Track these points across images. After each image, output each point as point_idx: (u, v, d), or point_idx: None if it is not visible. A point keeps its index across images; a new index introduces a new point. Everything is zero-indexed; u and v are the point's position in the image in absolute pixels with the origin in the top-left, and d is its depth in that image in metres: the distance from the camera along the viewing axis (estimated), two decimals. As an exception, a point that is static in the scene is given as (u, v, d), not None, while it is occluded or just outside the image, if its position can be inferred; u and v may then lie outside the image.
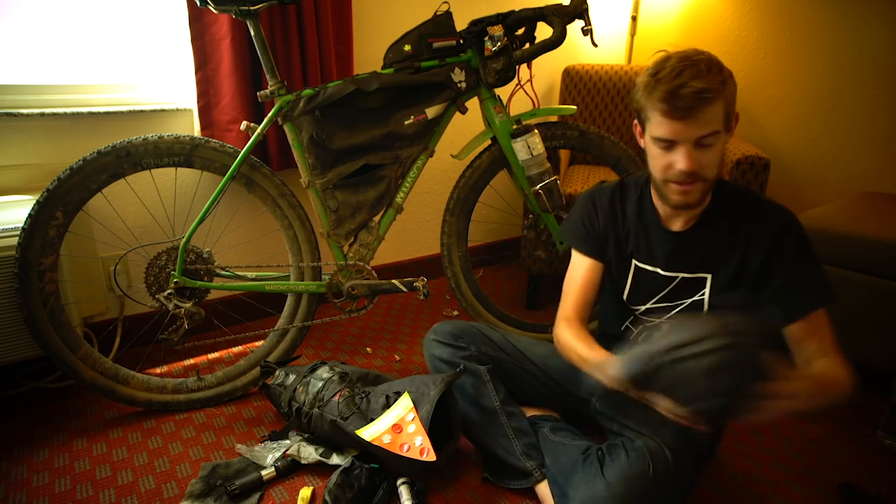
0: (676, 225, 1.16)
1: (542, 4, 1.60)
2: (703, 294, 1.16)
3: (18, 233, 1.38)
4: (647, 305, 1.22)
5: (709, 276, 1.15)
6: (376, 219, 1.66)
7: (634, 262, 1.22)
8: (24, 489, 1.29)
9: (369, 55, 2.08)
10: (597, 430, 1.37)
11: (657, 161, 1.07)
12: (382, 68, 1.57)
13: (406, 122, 1.58)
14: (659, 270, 1.19)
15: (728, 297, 1.13)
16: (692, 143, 1.01)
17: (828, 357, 1.05)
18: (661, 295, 1.20)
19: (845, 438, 1.52)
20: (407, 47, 1.56)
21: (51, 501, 1.26)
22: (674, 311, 1.20)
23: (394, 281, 1.65)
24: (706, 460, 1.35)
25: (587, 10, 1.58)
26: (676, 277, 1.18)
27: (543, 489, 1.24)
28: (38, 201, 1.37)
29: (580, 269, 1.29)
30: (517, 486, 1.29)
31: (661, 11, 2.71)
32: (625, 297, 1.26)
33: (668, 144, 1.03)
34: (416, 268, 2.48)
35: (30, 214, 1.37)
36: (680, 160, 1.02)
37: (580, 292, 1.27)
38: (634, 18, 2.60)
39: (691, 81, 0.96)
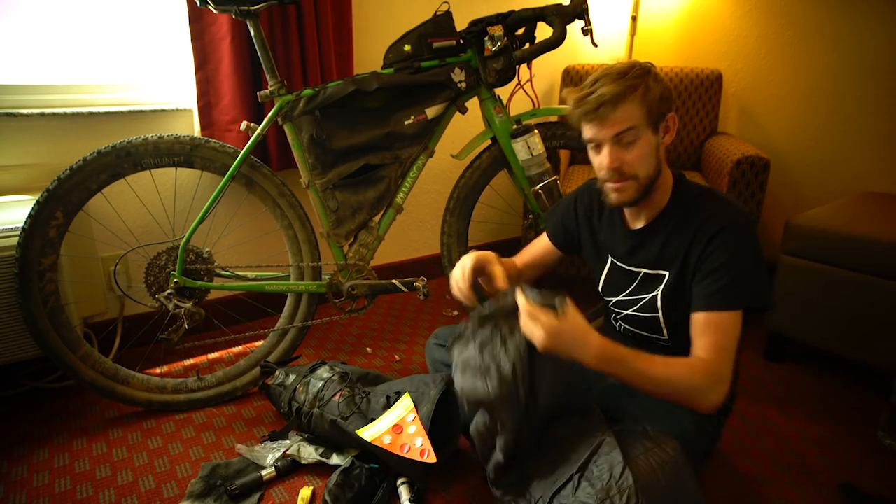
0: (637, 223, 1.22)
1: (542, 4, 1.60)
2: (658, 290, 1.20)
3: (18, 233, 1.38)
4: (618, 298, 1.28)
5: (667, 273, 1.19)
6: (376, 219, 1.66)
7: (610, 257, 1.29)
8: (24, 489, 1.29)
9: (369, 55, 2.08)
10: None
11: (594, 164, 1.16)
12: (382, 68, 1.57)
13: (406, 122, 1.58)
14: (624, 266, 1.25)
15: (676, 296, 1.18)
16: (612, 141, 1.09)
17: (700, 357, 1.08)
18: (629, 290, 1.25)
19: (845, 438, 1.52)
20: (407, 47, 1.56)
21: (51, 501, 1.26)
22: (636, 307, 1.25)
23: (394, 281, 1.65)
24: (703, 460, 1.35)
25: (587, 10, 1.58)
26: (639, 273, 1.23)
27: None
28: (38, 201, 1.37)
29: (539, 242, 1.45)
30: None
31: (661, 11, 2.71)
32: (600, 288, 1.33)
33: (596, 146, 1.13)
34: (416, 268, 2.48)
35: (30, 214, 1.37)
36: (604, 158, 1.11)
37: (527, 255, 1.46)
38: (634, 18, 2.60)
39: (600, 87, 1.07)
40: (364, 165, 1.59)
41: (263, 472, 1.31)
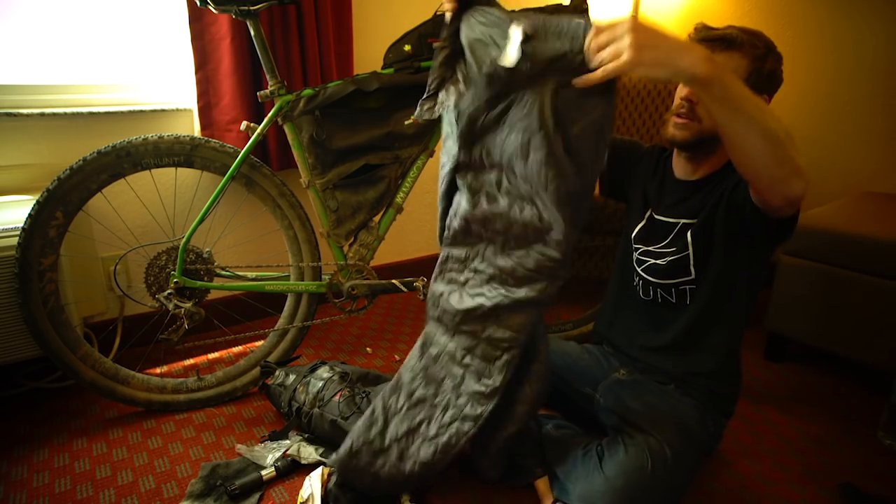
0: (693, 176, 1.29)
1: (542, 4, 1.60)
2: (689, 230, 1.25)
3: (18, 233, 1.38)
4: (648, 248, 1.33)
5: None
6: (376, 219, 1.66)
7: (651, 210, 1.35)
8: (24, 489, 1.29)
9: (369, 55, 2.08)
10: (598, 431, 1.37)
11: (677, 94, 1.21)
12: (382, 68, 1.57)
13: (406, 122, 1.58)
14: (663, 218, 1.31)
15: (706, 230, 1.23)
16: None
17: None
18: (663, 243, 1.30)
19: (845, 438, 1.52)
20: (407, 47, 1.56)
21: (51, 501, 1.26)
22: (665, 259, 1.30)
23: (394, 281, 1.65)
24: (704, 458, 1.35)
25: (587, 10, 1.57)
26: (678, 224, 1.28)
27: (543, 486, 1.24)
28: (38, 201, 1.37)
29: None
30: (518, 483, 1.29)
31: (661, 11, 2.71)
32: (632, 236, 1.39)
33: None
34: (416, 268, 2.48)
35: (30, 214, 1.37)
36: (685, 88, 1.16)
37: None
38: (634, 18, 2.60)
39: (731, 29, 1.11)
40: (364, 165, 1.59)
41: (263, 472, 1.31)
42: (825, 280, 1.68)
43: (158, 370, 1.79)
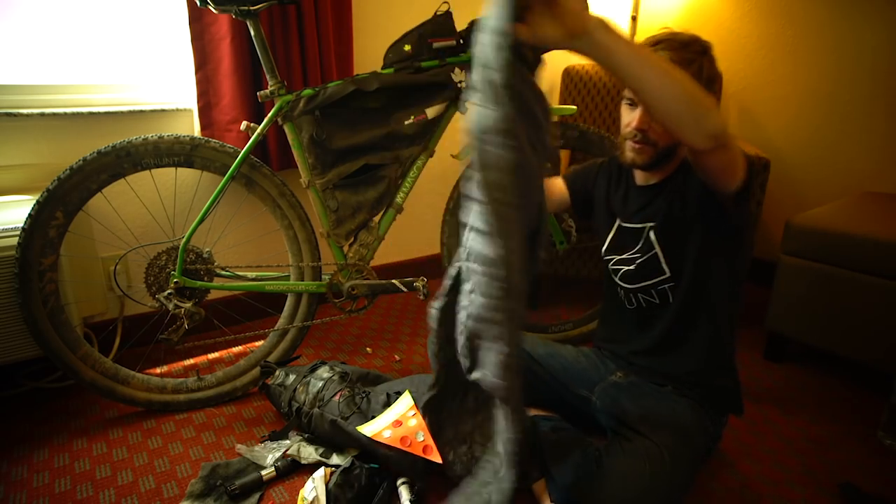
0: (650, 181, 1.30)
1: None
2: (654, 229, 1.27)
3: (18, 233, 1.38)
4: (621, 256, 1.35)
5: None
6: (376, 219, 1.66)
7: (618, 220, 1.37)
8: (24, 489, 1.29)
9: (369, 55, 2.08)
10: (597, 432, 1.37)
11: (623, 120, 1.22)
12: (382, 68, 1.57)
13: (406, 122, 1.58)
14: (630, 225, 1.33)
15: (673, 238, 1.25)
16: None
17: None
18: (634, 249, 1.32)
19: (845, 438, 1.52)
20: (407, 47, 1.56)
21: (51, 501, 1.26)
22: (635, 263, 1.31)
23: (394, 281, 1.65)
24: (703, 460, 1.35)
25: (588, 10, 1.57)
26: (644, 228, 1.30)
27: (540, 488, 1.24)
28: (38, 201, 1.37)
29: (555, 181, 1.54)
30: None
31: (661, 11, 2.71)
32: (604, 249, 1.41)
33: (631, 104, 1.19)
34: (416, 268, 2.48)
35: (30, 214, 1.37)
36: (635, 119, 1.17)
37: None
38: (634, 18, 2.60)
39: (660, 51, 1.09)
40: (364, 165, 1.59)
41: (263, 472, 1.31)
42: (825, 280, 1.68)
43: (158, 370, 1.79)
